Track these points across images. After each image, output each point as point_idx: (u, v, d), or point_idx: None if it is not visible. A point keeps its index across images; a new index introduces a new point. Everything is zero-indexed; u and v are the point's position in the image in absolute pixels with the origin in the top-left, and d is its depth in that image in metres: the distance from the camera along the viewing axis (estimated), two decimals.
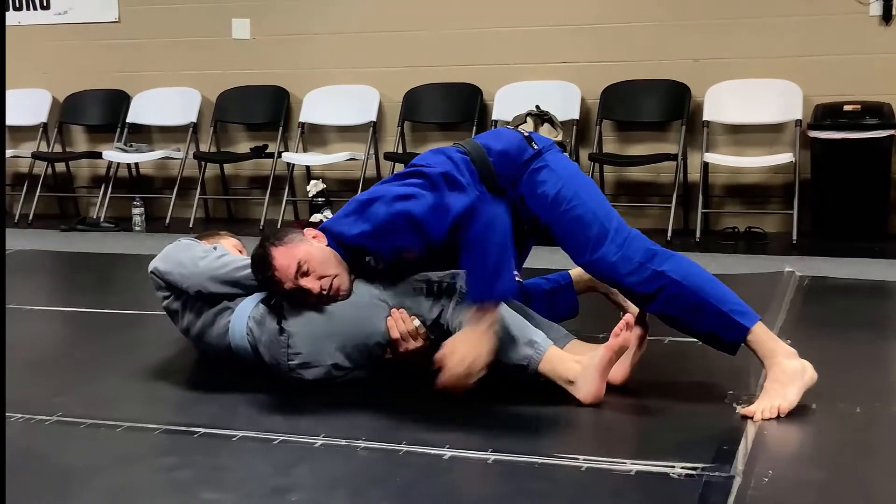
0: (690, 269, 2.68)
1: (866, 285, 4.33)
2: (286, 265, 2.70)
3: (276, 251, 2.72)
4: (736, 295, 2.66)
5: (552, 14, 6.23)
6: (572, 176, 2.84)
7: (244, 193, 7.03)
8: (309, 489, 2.16)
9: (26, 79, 7.10)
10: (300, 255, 2.70)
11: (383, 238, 2.69)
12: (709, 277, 2.68)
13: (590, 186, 2.86)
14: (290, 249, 2.71)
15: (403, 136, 6.51)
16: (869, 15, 5.71)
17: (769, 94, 5.86)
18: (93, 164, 7.26)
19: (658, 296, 2.64)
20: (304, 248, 2.72)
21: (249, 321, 2.81)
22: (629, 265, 2.66)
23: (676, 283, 2.63)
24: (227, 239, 3.23)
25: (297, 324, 2.74)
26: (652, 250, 2.69)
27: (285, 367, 2.76)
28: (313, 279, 2.70)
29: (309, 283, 2.69)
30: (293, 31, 6.72)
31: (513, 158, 2.84)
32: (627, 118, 6.16)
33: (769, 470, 2.18)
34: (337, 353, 2.74)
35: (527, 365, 2.66)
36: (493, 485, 2.18)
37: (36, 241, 5.97)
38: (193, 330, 2.96)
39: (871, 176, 5.54)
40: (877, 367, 3.10)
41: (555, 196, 2.77)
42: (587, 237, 2.71)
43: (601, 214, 2.74)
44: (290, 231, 2.80)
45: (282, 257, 2.70)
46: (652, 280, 2.64)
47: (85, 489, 2.19)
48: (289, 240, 2.74)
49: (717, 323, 2.62)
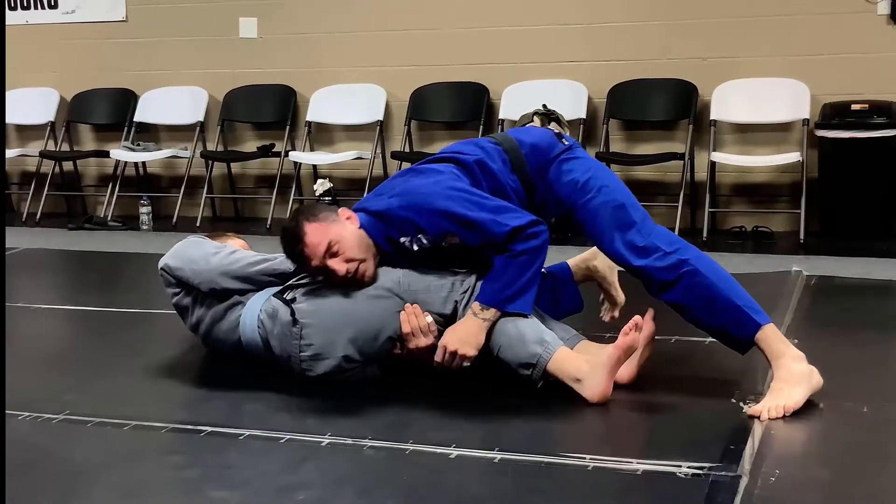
0: (710, 263, 2.73)
1: (874, 285, 4.32)
2: (316, 243, 2.72)
3: (308, 227, 2.74)
4: (750, 296, 2.68)
5: (559, 13, 6.22)
6: (601, 168, 2.94)
7: (251, 192, 7.04)
8: (316, 488, 2.16)
9: (34, 78, 7.12)
10: (332, 235, 2.72)
11: (439, 220, 2.71)
12: (726, 274, 2.72)
13: (616, 179, 2.93)
14: (323, 228, 2.73)
15: (410, 135, 6.51)
16: (877, 14, 5.69)
17: (777, 94, 5.84)
18: (100, 162, 7.27)
19: (678, 283, 2.67)
20: (337, 228, 2.74)
21: (261, 314, 2.82)
22: (654, 251, 2.70)
23: (697, 272, 2.66)
24: (234, 239, 3.25)
25: (311, 316, 2.76)
26: (676, 240, 2.76)
27: (296, 359, 2.77)
28: (341, 261, 2.72)
29: (336, 265, 2.72)
30: (300, 31, 6.73)
31: (544, 151, 2.89)
32: (634, 117, 6.15)
33: (776, 469, 2.17)
34: (349, 346, 2.75)
35: (535, 363, 2.66)
36: (500, 484, 2.18)
37: (44, 240, 5.98)
38: (203, 325, 2.97)
39: (879, 175, 5.53)
40: (884, 366, 3.10)
41: (584, 182, 2.82)
42: (614, 222, 2.76)
43: (629, 204, 2.81)
44: (324, 208, 2.84)
45: (313, 234, 2.72)
46: (674, 267, 2.67)
47: (92, 487, 2.20)
48: (323, 217, 2.77)
49: (730, 317, 2.64)
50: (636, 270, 2.76)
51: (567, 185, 2.83)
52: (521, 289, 2.68)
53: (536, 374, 2.66)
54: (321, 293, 2.80)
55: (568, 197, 2.83)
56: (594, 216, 2.79)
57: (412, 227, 2.74)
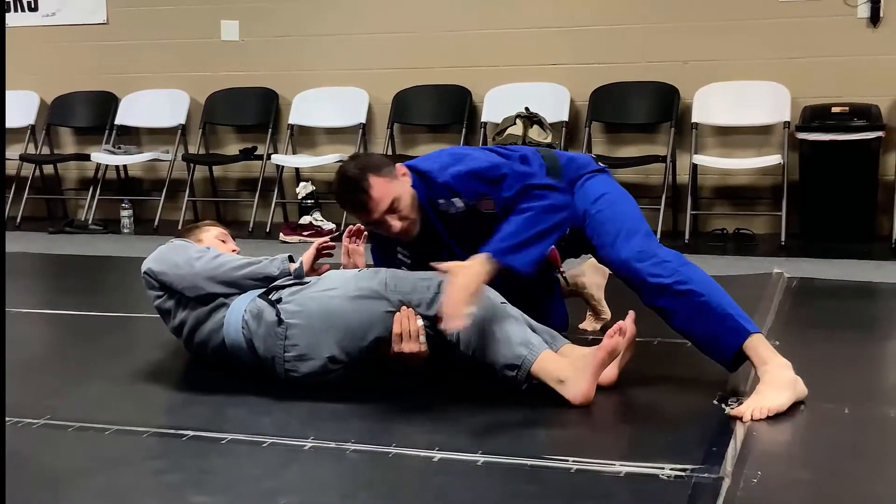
0: (704, 275, 2.79)
1: (854, 286, 4.35)
2: (381, 197, 2.77)
3: (374, 179, 2.77)
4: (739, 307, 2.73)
5: (541, 16, 6.23)
6: (622, 191, 3.04)
7: (233, 195, 7.02)
8: (298, 492, 2.16)
9: (14, 80, 7.06)
10: (396, 191, 2.78)
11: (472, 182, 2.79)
12: (717, 284, 2.77)
13: (633, 203, 3.02)
14: (387, 183, 2.78)
15: (393, 138, 6.51)
16: (857, 17, 5.73)
17: (758, 96, 5.88)
18: (81, 166, 7.24)
19: (670, 289, 2.71)
20: (398, 186, 2.81)
21: (246, 314, 2.82)
22: (651, 257, 2.76)
23: (690, 280, 2.72)
24: (211, 230, 3.23)
25: (296, 316, 2.76)
26: (673, 254, 2.83)
27: (280, 360, 2.77)
28: (397, 218, 2.79)
29: (393, 221, 2.79)
30: (282, 33, 6.72)
31: (579, 166, 3.04)
32: (616, 120, 6.17)
33: (758, 471, 2.18)
34: (334, 347, 2.75)
35: (520, 365, 2.66)
36: (483, 487, 2.17)
37: (24, 244, 5.94)
38: (186, 327, 2.96)
39: (859, 177, 5.56)
40: (865, 367, 3.11)
41: (600, 195, 2.94)
42: (618, 230, 2.85)
43: (637, 218, 2.92)
44: (384, 160, 2.88)
45: (380, 188, 2.77)
46: (669, 274, 2.73)
47: (73, 492, 2.19)
48: (386, 172, 2.81)
49: (720, 325, 2.67)
50: (632, 273, 2.79)
51: (584, 192, 2.95)
52: (521, 243, 2.68)
53: (521, 375, 2.66)
54: (307, 294, 2.80)
55: (581, 204, 2.91)
56: (600, 222, 2.89)
57: (450, 190, 2.81)
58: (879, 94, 5.64)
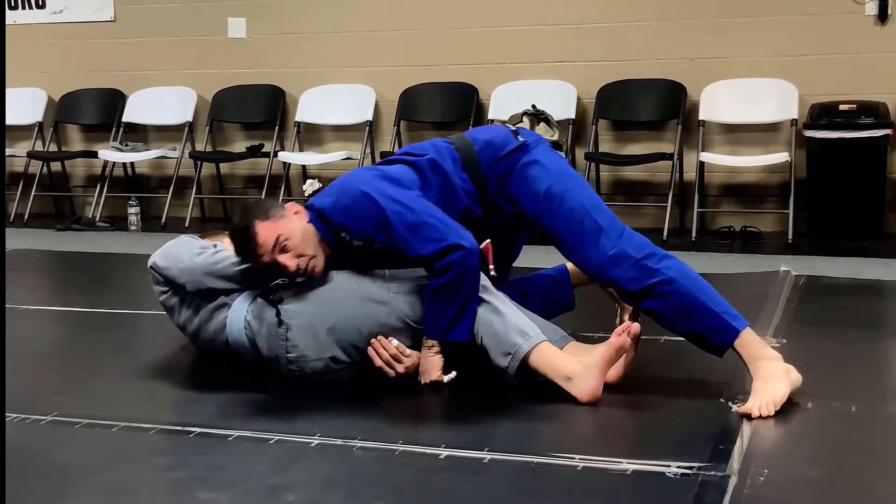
0: (685, 269, 2.70)
1: (862, 284, 4.33)
2: (265, 239, 2.74)
3: (259, 225, 2.75)
4: (725, 300, 2.68)
5: (548, 13, 6.23)
6: (561, 171, 2.87)
7: (240, 193, 7.03)
8: (305, 489, 2.16)
9: (22, 78, 7.09)
10: (281, 230, 2.74)
11: (363, 225, 2.75)
12: (702, 280, 2.70)
13: (580, 182, 2.89)
14: (273, 224, 2.75)
15: (399, 136, 6.51)
16: (864, 14, 5.72)
17: (765, 94, 5.86)
18: (88, 163, 7.25)
19: (652, 292, 2.65)
20: (286, 224, 2.76)
21: (248, 315, 2.82)
22: (624, 261, 2.68)
23: (671, 280, 2.65)
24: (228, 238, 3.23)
25: (297, 317, 2.75)
26: (647, 247, 2.71)
27: (283, 359, 2.77)
28: (291, 256, 2.75)
29: (286, 260, 2.74)
30: (289, 31, 6.72)
31: (496, 148, 2.89)
32: (623, 117, 6.17)
33: (765, 469, 2.18)
34: (335, 347, 2.75)
35: (513, 353, 2.66)
36: (489, 484, 2.17)
37: (31, 241, 5.96)
38: (190, 326, 2.97)
39: (867, 175, 5.55)
40: (872, 365, 3.10)
41: (546, 192, 2.79)
42: (581, 233, 2.73)
43: (593, 210, 2.76)
44: (273, 204, 2.85)
45: (263, 231, 2.74)
46: (647, 276, 2.65)
47: (80, 489, 2.19)
48: (272, 214, 2.78)
49: (708, 324, 2.64)
50: (608, 282, 2.77)
51: (530, 196, 2.81)
52: (453, 319, 2.69)
53: (513, 364, 2.66)
54: (308, 294, 2.80)
55: (531, 209, 2.81)
56: (559, 228, 2.77)
57: (342, 227, 2.77)
58: (887, 91, 5.63)
